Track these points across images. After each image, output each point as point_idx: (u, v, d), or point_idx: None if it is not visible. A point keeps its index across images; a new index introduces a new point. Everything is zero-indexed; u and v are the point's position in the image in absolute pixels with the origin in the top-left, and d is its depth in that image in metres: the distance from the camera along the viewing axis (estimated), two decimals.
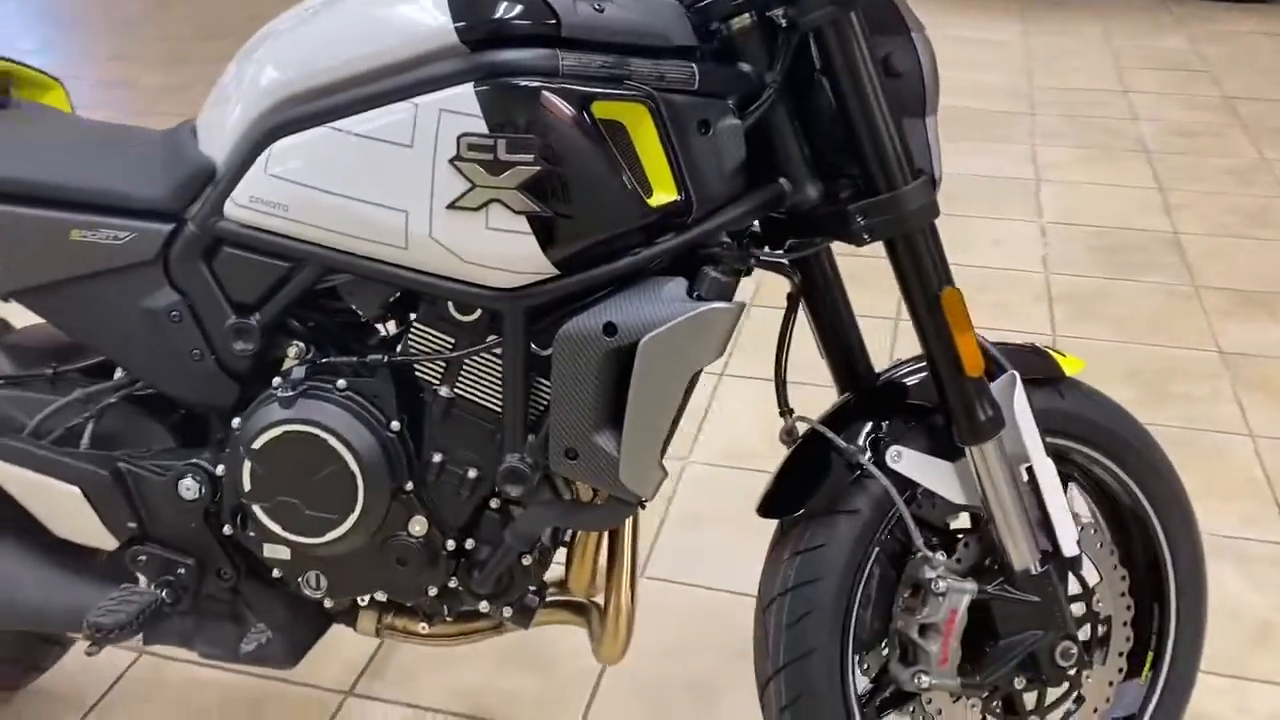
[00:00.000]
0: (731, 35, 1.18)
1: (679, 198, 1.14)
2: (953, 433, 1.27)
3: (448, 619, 1.41)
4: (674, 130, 1.12)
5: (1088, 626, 1.40)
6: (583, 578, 1.39)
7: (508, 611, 1.39)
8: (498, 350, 1.22)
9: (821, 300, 1.36)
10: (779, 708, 1.32)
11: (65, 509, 1.38)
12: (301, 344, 1.30)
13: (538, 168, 1.10)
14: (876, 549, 1.31)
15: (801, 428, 1.34)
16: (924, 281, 1.22)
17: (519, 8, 1.11)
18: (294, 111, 1.19)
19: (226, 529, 1.36)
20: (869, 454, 1.27)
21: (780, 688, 1.31)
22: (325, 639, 1.44)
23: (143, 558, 1.39)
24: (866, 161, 1.19)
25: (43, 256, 1.33)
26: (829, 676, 1.30)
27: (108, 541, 1.40)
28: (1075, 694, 1.40)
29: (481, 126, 1.11)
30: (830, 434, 1.29)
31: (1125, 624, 1.42)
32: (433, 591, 1.34)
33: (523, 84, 1.10)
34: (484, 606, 1.36)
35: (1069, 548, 1.30)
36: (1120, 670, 1.43)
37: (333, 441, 1.26)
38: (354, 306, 1.29)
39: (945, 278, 1.22)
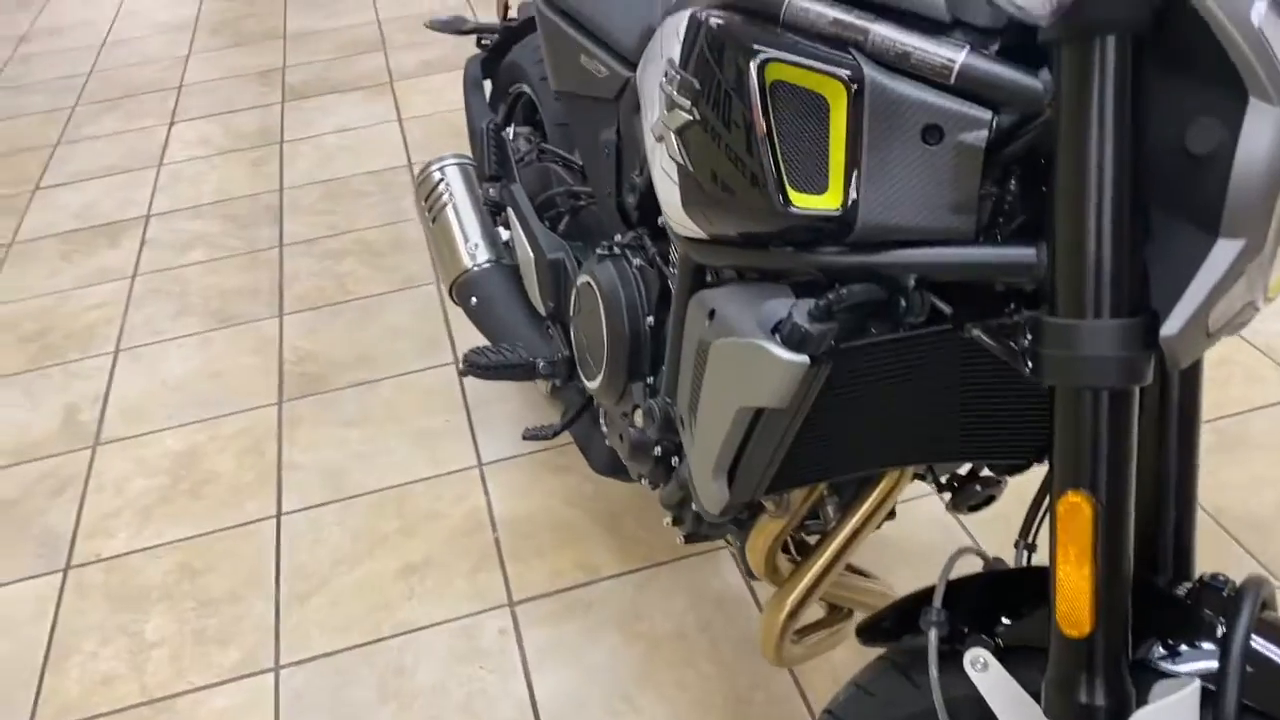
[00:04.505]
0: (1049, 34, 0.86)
1: (836, 209, 0.90)
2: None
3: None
4: (875, 126, 0.86)
5: None
6: (755, 559, 1.31)
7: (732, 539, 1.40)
8: None
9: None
10: None
11: (525, 269, 1.72)
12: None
13: (691, 117, 1.00)
14: None
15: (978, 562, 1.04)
16: (1058, 467, 0.83)
17: None
18: None
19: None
20: (947, 641, 0.96)
21: None
22: None
23: (551, 333, 1.68)
24: (1054, 258, 0.82)
25: (568, 67, 1.58)
26: None
27: (540, 308, 1.70)
28: None
29: (677, 54, 1.03)
30: (939, 591, 0.99)
31: None
32: (643, 481, 1.40)
33: (714, 19, 0.98)
34: (666, 520, 1.39)
35: None
36: None
37: (601, 306, 1.36)
38: None
39: (1083, 478, 0.81)
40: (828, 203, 0.91)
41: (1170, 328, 0.78)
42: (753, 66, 0.91)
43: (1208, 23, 0.72)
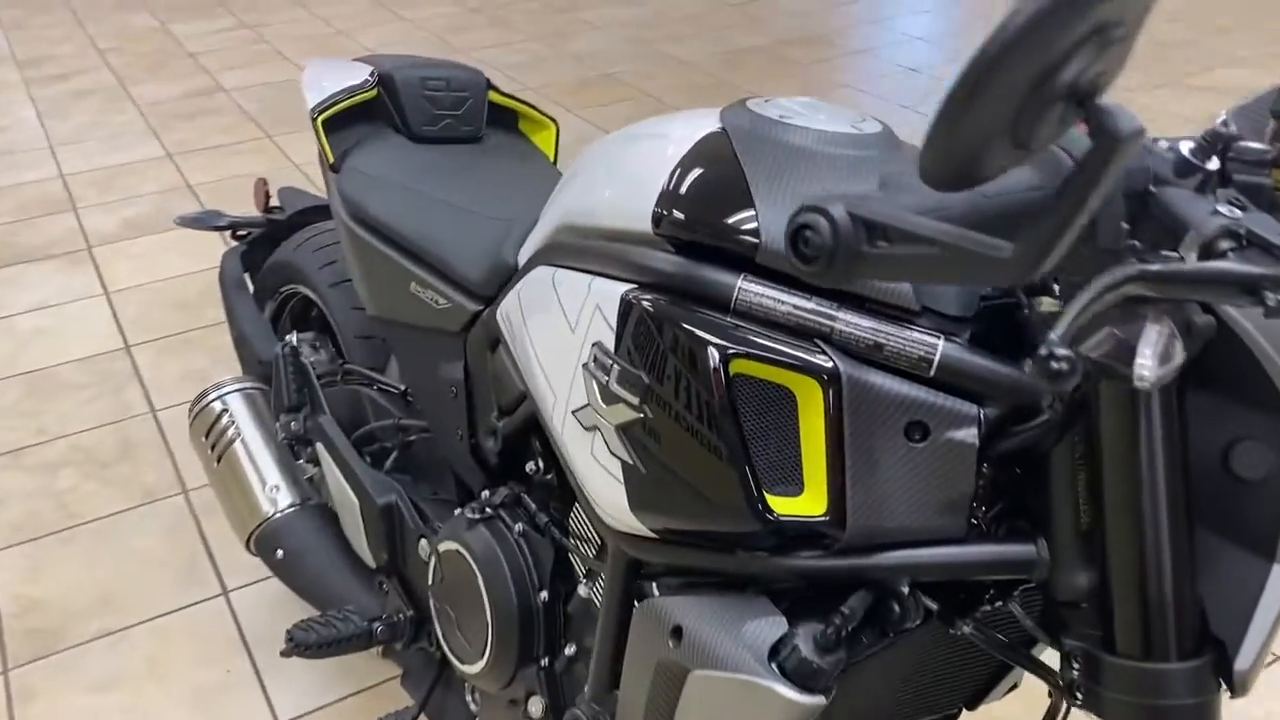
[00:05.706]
0: (1029, 318, 0.80)
1: (823, 514, 0.82)
2: None
3: None
4: (854, 424, 0.79)
5: None
6: None
7: None
8: None
9: None
10: None
11: (346, 515, 1.50)
12: (537, 466, 1.22)
13: (640, 414, 0.87)
14: None
15: None
16: None
17: (720, 213, 0.87)
18: (556, 240, 1.09)
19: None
20: None
21: None
22: None
23: (385, 588, 1.46)
24: (1108, 594, 0.76)
25: (392, 293, 1.40)
26: None
27: (368, 558, 1.49)
28: None
29: (611, 341, 0.91)
30: None
31: None
32: None
33: (655, 306, 0.86)
34: None
35: None
36: None
37: (480, 580, 1.18)
38: None
39: None
40: (810, 507, 0.82)
41: (1244, 662, 0.74)
42: (713, 362, 0.81)
43: (1250, 348, 0.70)
